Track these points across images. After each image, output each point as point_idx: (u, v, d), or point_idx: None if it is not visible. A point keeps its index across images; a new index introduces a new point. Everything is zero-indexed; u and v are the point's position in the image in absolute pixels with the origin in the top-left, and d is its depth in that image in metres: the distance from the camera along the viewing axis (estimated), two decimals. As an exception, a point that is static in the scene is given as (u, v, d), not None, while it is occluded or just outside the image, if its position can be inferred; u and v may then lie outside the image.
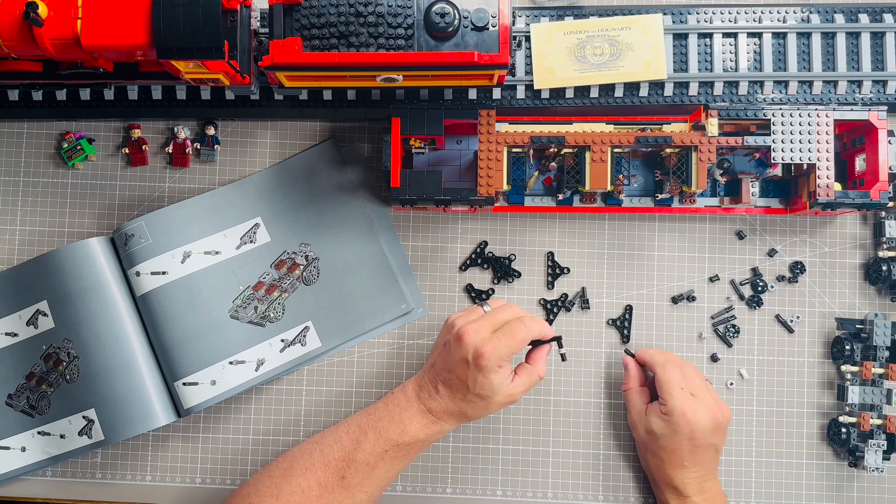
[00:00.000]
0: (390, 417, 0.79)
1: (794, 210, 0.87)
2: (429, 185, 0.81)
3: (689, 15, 0.88)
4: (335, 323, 0.89)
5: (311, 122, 0.92)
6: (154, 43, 0.71)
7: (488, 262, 0.91)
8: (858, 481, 0.89)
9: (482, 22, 0.72)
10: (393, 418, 0.79)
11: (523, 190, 0.89)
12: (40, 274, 0.87)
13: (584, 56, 0.88)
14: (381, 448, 0.78)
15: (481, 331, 0.77)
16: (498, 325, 0.79)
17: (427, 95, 0.88)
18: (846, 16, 0.89)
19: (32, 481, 0.90)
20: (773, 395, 0.90)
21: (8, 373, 0.88)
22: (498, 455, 0.90)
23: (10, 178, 0.92)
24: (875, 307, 0.90)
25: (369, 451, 0.78)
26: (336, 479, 0.78)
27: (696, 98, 0.88)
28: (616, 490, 0.89)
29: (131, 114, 0.91)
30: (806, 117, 0.82)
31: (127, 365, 0.85)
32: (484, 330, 0.78)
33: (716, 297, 0.90)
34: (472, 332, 0.77)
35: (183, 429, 0.90)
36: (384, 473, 0.79)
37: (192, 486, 0.90)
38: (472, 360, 0.77)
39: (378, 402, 0.82)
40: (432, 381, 0.80)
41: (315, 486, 0.78)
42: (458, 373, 0.78)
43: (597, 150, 0.82)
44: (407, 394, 0.81)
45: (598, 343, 0.90)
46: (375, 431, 0.79)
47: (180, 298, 0.87)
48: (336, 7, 0.72)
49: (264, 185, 0.91)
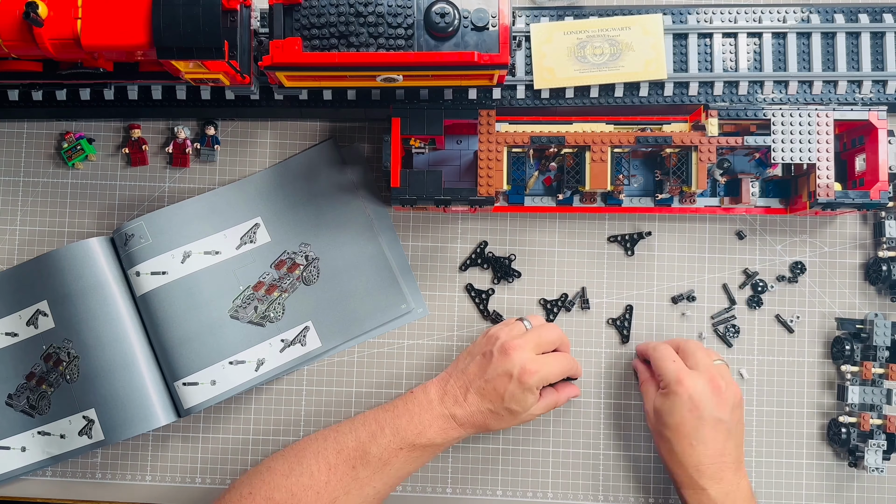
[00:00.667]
0: (409, 417, 0.79)
1: (794, 210, 0.87)
2: (429, 185, 0.81)
3: (689, 15, 0.88)
4: (335, 323, 0.89)
5: (311, 122, 0.92)
6: (154, 43, 0.71)
7: (488, 262, 0.91)
8: (858, 481, 0.89)
9: (482, 22, 0.72)
10: (412, 418, 0.79)
11: (523, 190, 0.89)
12: (40, 274, 0.87)
13: (584, 56, 0.88)
14: (396, 445, 0.78)
15: (527, 347, 0.79)
16: (543, 344, 0.81)
17: (427, 95, 0.88)
18: (846, 16, 0.89)
19: (32, 481, 0.90)
20: (773, 395, 0.90)
21: (8, 373, 0.88)
22: (498, 455, 0.90)
23: (10, 178, 0.92)
24: (875, 307, 0.90)
25: (384, 446, 0.78)
26: (347, 468, 0.78)
27: (696, 98, 0.88)
28: (616, 490, 0.89)
29: (131, 114, 0.91)
30: (806, 117, 0.82)
31: (127, 365, 0.85)
32: (529, 347, 0.80)
33: (716, 297, 0.90)
34: (519, 349, 0.79)
35: (183, 429, 0.90)
36: (395, 471, 0.79)
37: (192, 486, 0.90)
38: (517, 375, 0.78)
39: (397, 400, 0.82)
40: (461, 388, 0.80)
41: (325, 471, 0.78)
42: (496, 384, 0.79)
43: (597, 150, 0.82)
44: (429, 396, 0.81)
45: (598, 343, 0.90)
46: (392, 428, 0.79)
47: (180, 298, 0.87)
48: (336, 7, 0.72)
49: (264, 185, 0.91)
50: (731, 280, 0.90)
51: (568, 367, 0.82)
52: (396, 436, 0.79)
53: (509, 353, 0.79)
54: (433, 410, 0.80)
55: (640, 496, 0.89)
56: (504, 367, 0.79)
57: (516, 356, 0.79)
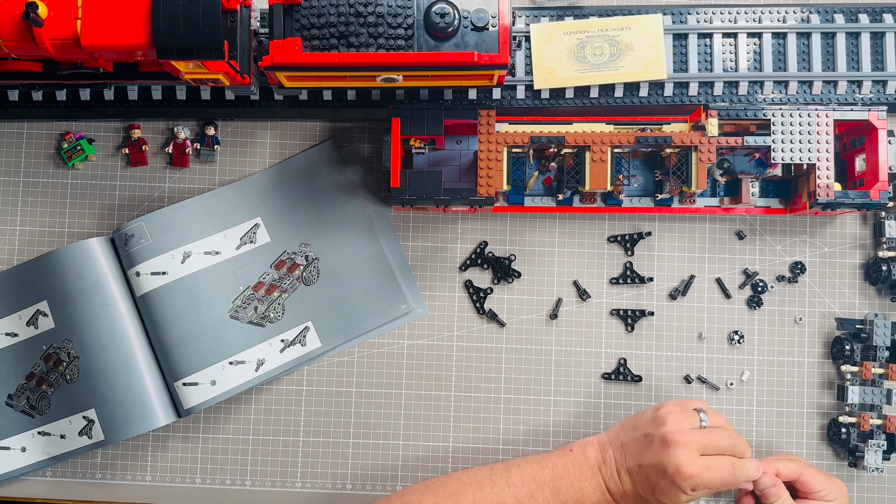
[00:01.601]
0: (569, 480, 0.75)
1: (794, 210, 0.87)
2: (429, 186, 0.81)
3: (689, 15, 0.88)
4: (335, 323, 0.89)
5: (311, 122, 0.92)
6: (154, 43, 0.71)
7: (488, 262, 0.91)
8: (858, 481, 0.89)
9: (482, 22, 0.72)
10: (572, 483, 0.75)
11: (523, 190, 0.89)
12: (40, 274, 0.87)
13: (584, 56, 0.88)
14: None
15: (692, 446, 0.73)
16: (710, 448, 0.74)
17: (427, 95, 0.88)
18: (846, 16, 0.89)
19: (32, 481, 0.90)
20: (773, 395, 0.90)
21: (8, 373, 0.88)
22: (498, 455, 0.90)
23: (10, 178, 0.92)
24: (875, 307, 0.90)
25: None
26: None
27: (696, 98, 0.88)
28: (616, 490, 0.89)
29: (131, 114, 0.91)
30: (806, 117, 0.82)
31: (127, 365, 0.85)
32: (695, 446, 0.73)
33: (716, 297, 0.90)
34: (684, 446, 0.73)
35: (183, 429, 0.90)
36: None
37: (192, 486, 0.90)
38: (672, 474, 0.72)
39: (554, 457, 0.78)
40: (617, 462, 0.76)
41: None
42: (649, 474, 0.74)
43: (597, 150, 0.82)
44: (589, 460, 0.76)
45: (598, 343, 0.90)
46: (553, 490, 0.75)
47: (180, 299, 0.87)
48: (336, 7, 0.72)
49: (264, 185, 0.91)
50: (730, 280, 0.90)
51: (737, 481, 0.74)
52: (557, 498, 0.75)
53: (670, 447, 0.73)
54: (592, 477, 0.76)
55: (640, 496, 0.89)
56: (661, 459, 0.73)
57: (676, 453, 0.72)
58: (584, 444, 0.78)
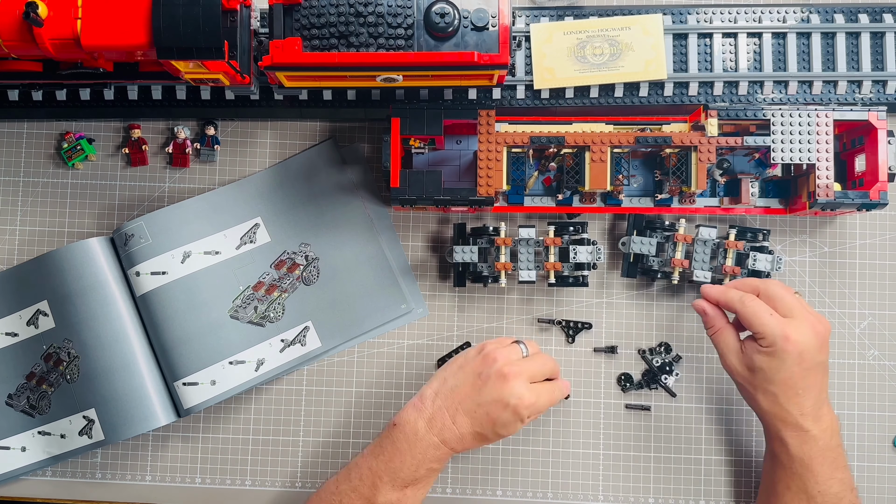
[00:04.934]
0: (401, 457, 0.77)
1: (794, 210, 0.87)
2: (429, 185, 0.81)
3: (689, 15, 0.88)
4: (335, 323, 0.89)
5: (311, 122, 0.92)
6: (154, 43, 0.71)
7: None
8: (858, 472, 0.89)
9: (482, 22, 0.72)
10: (404, 458, 0.77)
11: (523, 190, 0.89)
12: (40, 274, 0.87)
13: (583, 56, 0.88)
14: (400, 487, 0.77)
15: (524, 376, 0.77)
16: (539, 375, 0.79)
17: (427, 95, 0.88)
18: (846, 16, 0.89)
19: (32, 481, 0.90)
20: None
21: (8, 373, 0.88)
22: (498, 455, 0.90)
23: (10, 178, 0.92)
24: (875, 307, 0.90)
25: (388, 494, 0.77)
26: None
27: (695, 98, 0.88)
28: (616, 490, 0.89)
29: (131, 114, 0.91)
30: (806, 117, 0.82)
31: (127, 365, 0.85)
32: (526, 376, 0.77)
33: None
34: (517, 377, 0.76)
35: (183, 429, 0.90)
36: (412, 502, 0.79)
37: (192, 486, 0.90)
38: (515, 405, 0.76)
39: (382, 440, 0.79)
40: (449, 410, 0.77)
41: None
42: (490, 409, 0.76)
43: (596, 150, 0.82)
44: (415, 427, 0.77)
45: (597, 343, 0.90)
46: (390, 475, 0.77)
47: (180, 298, 0.87)
48: (336, 7, 0.72)
49: (264, 185, 0.91)
50: (730, 280, 0.91)
51: (557, 400, 0.81)
52: (396, 480, 0.77)
53: (508, 381, 0.76)
54: (422, 441, 0.77)
55: (640, 496, 0.89)
56: (500, 394, 0.76)
57: (515, 385, 0.76)
58: (404, 413, 0.79)
